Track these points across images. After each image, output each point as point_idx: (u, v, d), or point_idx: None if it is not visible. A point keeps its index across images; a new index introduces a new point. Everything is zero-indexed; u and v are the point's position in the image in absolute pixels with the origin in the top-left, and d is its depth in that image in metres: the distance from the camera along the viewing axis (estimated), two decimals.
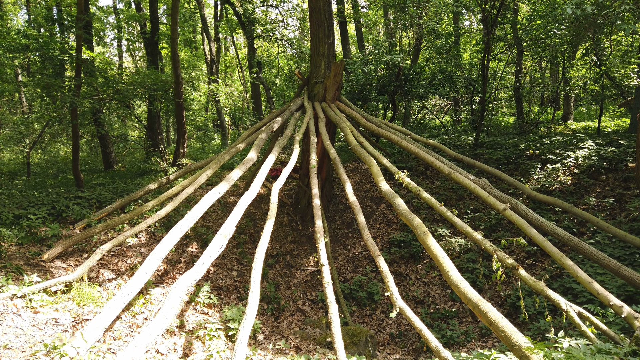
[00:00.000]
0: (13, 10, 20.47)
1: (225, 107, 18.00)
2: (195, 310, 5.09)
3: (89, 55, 8.61)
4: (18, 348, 3.19)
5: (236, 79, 22.37)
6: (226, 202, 8.61)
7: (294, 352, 4.61)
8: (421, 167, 9.78)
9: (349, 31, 19.15)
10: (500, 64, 13.46)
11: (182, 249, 6.64)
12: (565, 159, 8.20)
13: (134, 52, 24.81)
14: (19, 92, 15.75)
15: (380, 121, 7.50)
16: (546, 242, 4.34)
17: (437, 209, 4.73)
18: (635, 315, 3.62)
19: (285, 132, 7.33)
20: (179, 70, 9.63)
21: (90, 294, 4.49)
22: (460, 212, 8.02)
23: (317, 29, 8.05)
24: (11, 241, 5.33)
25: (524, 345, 2.62)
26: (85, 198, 7.12)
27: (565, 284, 5.62)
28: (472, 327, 5.90)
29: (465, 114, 15.16)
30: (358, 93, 11.45)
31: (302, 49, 16.38)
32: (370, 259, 7.72)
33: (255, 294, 3.63)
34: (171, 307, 3.32)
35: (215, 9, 21.04)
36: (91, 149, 18.01)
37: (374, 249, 4.34)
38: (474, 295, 3.18)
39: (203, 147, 17.09)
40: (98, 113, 10.46)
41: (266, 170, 5.58)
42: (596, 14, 6.93)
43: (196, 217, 4.55)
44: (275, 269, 7.35)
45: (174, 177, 7.16)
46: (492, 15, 9.28)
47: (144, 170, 11.58)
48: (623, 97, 11.22)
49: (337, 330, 3.59)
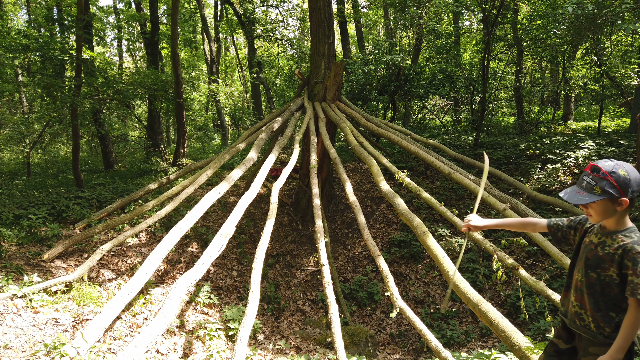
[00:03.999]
0: (13, 10, 20.48)
1: (226, 107, 18.00)
2: (195, 310, 5.09)
3: (89, 55, 8.61)
4: (18, 348, 3.19)
5: (236, 79, 22.37)
6: (226, 202, 8.61)
7: (294, 352, 4.61)
8: (421, 167, 9.78)
9: (349, 31, 19.14)
10: (500, 64, 13.46)
11: (183, 249, 6.64)
12: (566, 159, 8.20)
13: (134, 52, 24.81)
14: (19, 92, 15.74)
15: (381, 121, 7.50)
16: (546, 242, 4.34)
17: (437, 209, 4.73)
18: None
19: (285, 132, 7.33)
20: (179, 70, 9.63)
21: (91, 294, 4.49)
22: (461, 212, 8.02)
23: (317, 29, 8.05)
24: (11, 241, 5.33)
25: (524, 345, 2.62)
26: (86, 198, 7.12)
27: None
28: (472, 327, 5.90)
29: (465, 114, 15.16)
30: (358, 93, 11.44)
31: (302, 49, 16.38)
32: (370, 259, 7.72)
33: (255, 294, 3.62)
34: (171, 307, 3.32)
35: (215, 9, 21.05)
36: (91, 149, 18.01)
37: (374, 249, 4.34)
38: (474, 295, 3.18)
39: (203, 147, 17.09)
40: (98, 113, 10.46)
41: (266, 170, 5.58)
42: (596, 14, 6.93)
43: (196, 217, 4.55)
44: (275, 269, 7.35)
45: (174, 177, 7.16)
46: (492, 15, 9.28)
47: (144, 170, 11.58)
48: (623, 97, 11.21)
49: (337, 330, 3.59)
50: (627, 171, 1.75)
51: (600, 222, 1.86)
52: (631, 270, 1.70)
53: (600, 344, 1.83)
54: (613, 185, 1.73)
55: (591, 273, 1.84)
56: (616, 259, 1.75)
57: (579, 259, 1.93)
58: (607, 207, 1.78)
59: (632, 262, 1.70)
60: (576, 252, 1.98)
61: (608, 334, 1.81)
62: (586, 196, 1.77)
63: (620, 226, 1.81)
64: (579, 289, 1.90)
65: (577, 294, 1.91)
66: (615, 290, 1.78)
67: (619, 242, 1.77)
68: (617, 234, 1.80)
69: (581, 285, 1.89)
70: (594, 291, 1.83)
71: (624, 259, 1.73)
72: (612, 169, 1.75)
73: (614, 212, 1.79)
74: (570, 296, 1.96)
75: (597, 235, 1.89)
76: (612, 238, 1.80)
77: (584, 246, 1.93)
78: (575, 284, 1.93)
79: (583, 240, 1.96)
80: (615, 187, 1.73)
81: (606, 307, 1.81)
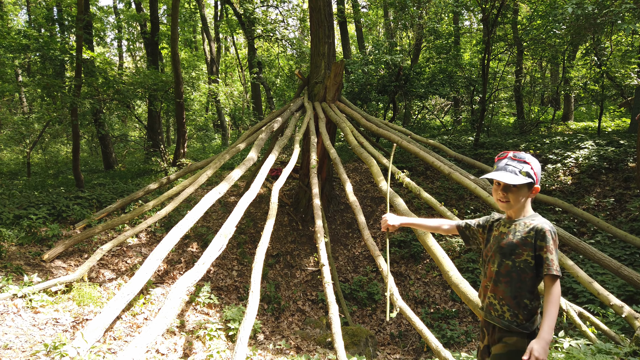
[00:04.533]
0: (13, 10, 20.47)
1: (226, 107, 18.00)
2: (195, 310, 5.09)
3: (90, 55, 8.61)
4: (18, 348, 3.19)
5: (236, 79, 22.37)
6: (226, 202, 8.61)
7: (294, 352, 4.61)
8: (421, 167, 9.78)
9: (349, 31, 19.13)
10: (500, 64, 13.46)
11: (183, 249, 6.64)
12: (566, 159, 8.20)
13: (134, 52, 24.81)
14: (19, 92, 15.74)
15: (381, 121, 7.49)
16: None
17: (437, 209, 4.73)
18: (635, 315, 3.62)
19: (285, 132, 7.33)
20: (179, 70, 9.63)
21: (91, 294, 4.49)
22: (461, 212, 8.02)
23: (317, 29, 8.04)
24: (11, 241, 5.33)
25: None
26: (86, 198, 7.12)
27: (565, 284, 5.63)
28: (472, 327, 5.90)
29: (465, 114, 15.15)
30: (358, 93, 11.44)
31: (302, 49, 16.37)
32: (370, 259, 7.72)
33: (255, 294, 3.62)
34: (171, 307, 3.32)
35: (215, 9, 21.05)
36: (91, 149, 18.01)
37: (374, 249, 4.34)
38: (474, 295, 3.18)
39: (203, 147, 17.09)
40: (98, 113, 10.46)
41: (266, 170, 5.57)
42: (596, 14, 6.93)
43: (196, 217, 4.55)
44: (275, 269, 7.35)
45: (175, 177, 7.16)
46: (492, 15, 9.28)
47: (144, 170, 11.58)
48: (623, 97, 11.21)
49: (337, 330, 3.59)
50: (536, 161, 1.92)
51: (512, 208, 1.95)
52: (545, 248, 1.80)
53: (514, 333, 1.88)
54: (533, 171, 1.89)
55: (506, 261, 1.90)
56: (529, 242, 1.85)
57: (492, 251, 1.99)
58: (523, 193, 1.91)
59: (544, 240, 1.80)
60: (487, 247, 2.05)
61: (521, 322, 1.86)
62: (520, 178, 1.87)
63: (526, 213, 1.94)
64: (494, 279, 1.95)
65: (492, 284, 1.96)
66: (529, 275, 1.85)
67: (528, 226, 1.87)
68: (525, 220, 1.91)
69: (496, 276, 1.94)
70: (510, 279, 1.89)
71: (536, 240, 1.83)
72: (529, 158, 1.91)
73: (526, 199, 1.92)
74: (487, 290, 2.00)
75: (505, 226, 1.98)
76: (521, 224, 1.90)
77: (494, 238, 2.01)
78: (490, 276, 1.97)
79: (492, 234, 2.04)
80: (535, 175, 1.89)
81: (521, 294, 1.87)
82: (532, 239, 1.84)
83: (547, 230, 1.81)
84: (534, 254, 1.83)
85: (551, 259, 1.77)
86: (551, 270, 1.75)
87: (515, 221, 1.94)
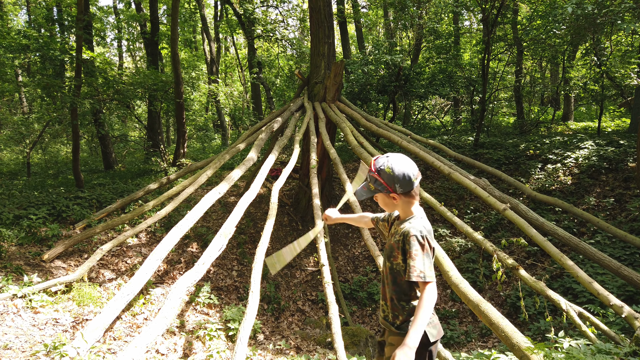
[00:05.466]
0: (13, 10, 20.48)
1: (226, 107, 18.00)
2: (195, 310, 5.09)
3: (89, 55, 8.61)
4: (18, 348, 3.19)
5: (236, 79, 22.38)
6: (226, 202, 8.61)
7: (294, 352, 4.61)
8: (421, 167, 9.78)
9: (349, 31, 19.14)
10: (500, 64, 13.46)
11: (182, 249, 6.64)
12: (566, 159, 8.20)
13: (134, 52, 24.82)
14: (19, 92, 15.75)
15: (381, 121, 7.49)
16: (546, 242, 4.33)
17: (437, 209, 4.73)
18: (635, 315, 3.62)
19: (285, 132, 7.33)
20: (179, 70, 9.63)
21: (91, 294, 4.49)
22: (461, 212, 8.02)
23: (317, 29, 8.05)
24: (11, 241, 5.33)
25: (524, 346, 2.62)
26: (86, 198, 7.12)
27: (565, 284, 5.62)
28: (472, 327, 5.90)
29: (465, 114, 15.15)
30: (358, 93, 11.44)
31: (302, 49, 16.37)
32: (370, 259, 7.72)
33: (255, 294, 3.62)
34: (171, 307, 3.32)
35: (215, 9, 21.05)
36: (91, 149, 18.01)
37: (374, 249, 4.34)
38: (474, 295, 3.18)
39: (203, 147, 17.09)
40: (98, 113, 10.46)
41: (266, 170, 5.57)
42: (596, 14, 6.93)
43: (196, 217, 4.55)
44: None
45: (174, 177, 7.16)
46: (492, 15, 9.28)
47: (144, 170, 11.58)
48: (623, 97, 11.21)
49: (337, 331, 3.59)
50: (392, 167, 1.80)
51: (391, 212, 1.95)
52: (408, 253, 1.75)
53: (395, 334, 1.87)
54: (381, 182, 1.83)
55: (387, 262, 1.90)
56: (400, 246, 1.81)
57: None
58: (386, 200, 1.88)
59: (409, 244, 1.75)
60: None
61: (400, 324, 1.85)
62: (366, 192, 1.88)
63: (407, 215, 1.87)
64: (382, 280, 1.94)
65: (381, 285, 1.95)
66: (403, 278, 1.82)
67: (402, 229, 1.83)
68: (404, 222, 1.86)
69: (383, 277, 1.93)
70: (390, 281, 1.88)
71: (404, 244, 1.79)
72: (380, 166, 1.83)
73: (395, 204, 1.87)
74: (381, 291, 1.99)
75: (395, 225, 1.96)
76: (401, 226, 1.86)
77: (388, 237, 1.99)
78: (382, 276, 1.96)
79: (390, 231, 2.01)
80: (383, 184, 1.82)
81: (398, 296, 1.85)
82: (402, 243, 1.80)
83: (412, 235, 1.75)
84: (404, 257, 1.80)
85: (412, 265, 1.70)
86: (411, 277, 1.69)
87: (400, 222, 1.90)
